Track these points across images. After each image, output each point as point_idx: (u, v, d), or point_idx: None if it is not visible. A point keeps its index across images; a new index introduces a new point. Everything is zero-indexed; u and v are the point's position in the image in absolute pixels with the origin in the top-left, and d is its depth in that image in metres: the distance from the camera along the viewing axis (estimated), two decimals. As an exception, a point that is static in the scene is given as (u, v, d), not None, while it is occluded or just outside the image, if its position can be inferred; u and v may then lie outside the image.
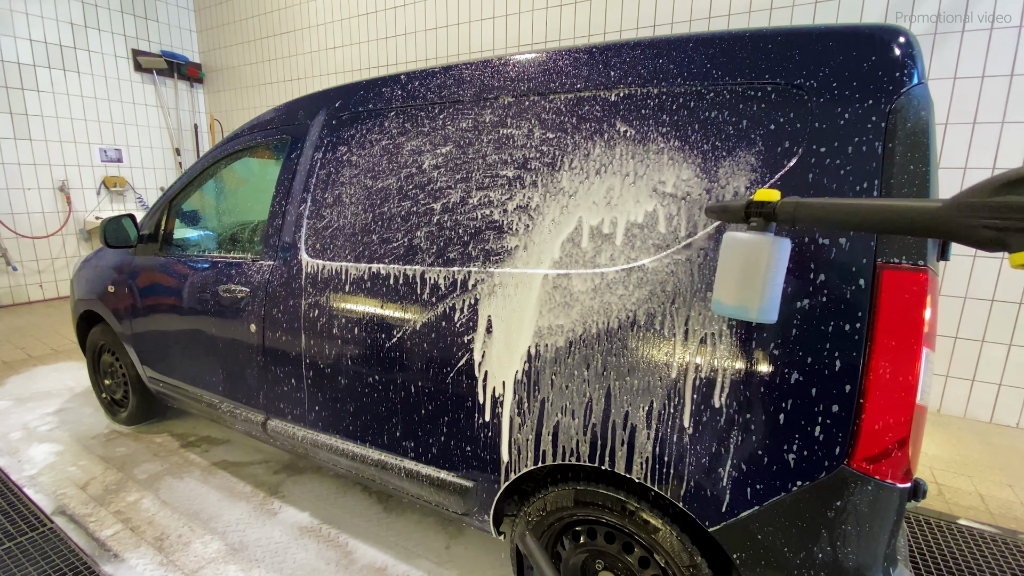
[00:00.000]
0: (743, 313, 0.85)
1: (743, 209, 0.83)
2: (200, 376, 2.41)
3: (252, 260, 2.14)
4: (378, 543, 2.08)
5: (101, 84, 6.18)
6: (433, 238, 1.66)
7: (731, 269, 0.86)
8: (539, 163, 1.51)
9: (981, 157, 3.06)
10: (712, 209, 0.88)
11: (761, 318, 0.83)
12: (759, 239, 0.82)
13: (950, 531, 2.17)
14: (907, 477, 1.09)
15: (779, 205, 0.79)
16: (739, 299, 0.85)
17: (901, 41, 1.13)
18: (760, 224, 0.82)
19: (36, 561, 1.92)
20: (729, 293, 0.86)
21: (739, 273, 0.85)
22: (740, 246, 0.84)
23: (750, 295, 0.84)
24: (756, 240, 0.82)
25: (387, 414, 1.77)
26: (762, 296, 0.83)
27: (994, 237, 0.51)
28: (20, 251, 5.69)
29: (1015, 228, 0.49)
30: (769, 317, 0.84)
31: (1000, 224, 0.50)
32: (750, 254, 0.83)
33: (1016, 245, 0.49)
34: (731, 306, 0.86)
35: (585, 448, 1.39)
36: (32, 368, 3.95)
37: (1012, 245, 0.50)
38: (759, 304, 0.84)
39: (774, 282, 0.84)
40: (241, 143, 2.36)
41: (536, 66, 1.57)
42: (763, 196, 0.81)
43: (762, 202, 0.81)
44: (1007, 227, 0.49)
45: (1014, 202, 0.49)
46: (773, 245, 0.81)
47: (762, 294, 0.83)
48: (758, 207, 0.81)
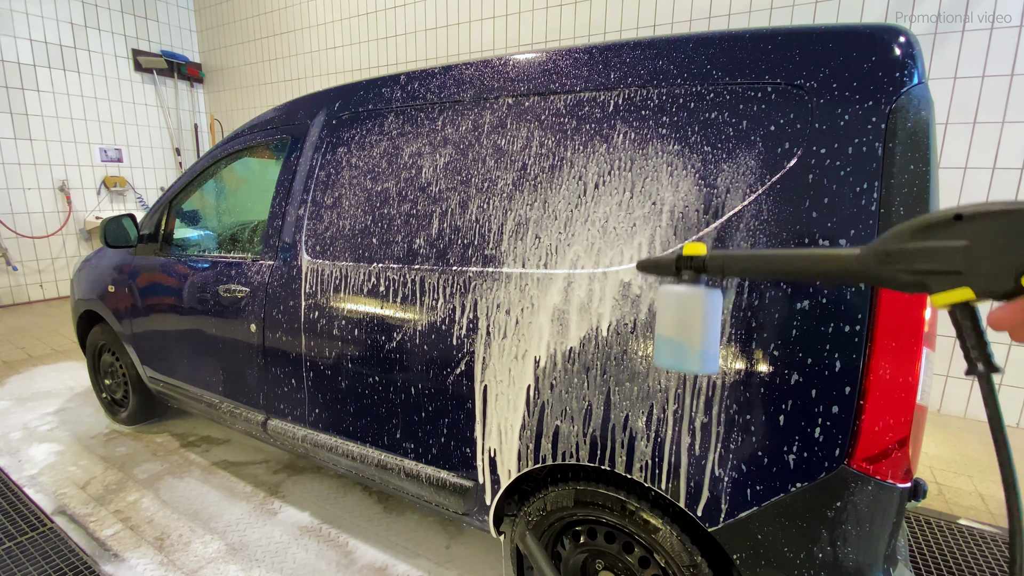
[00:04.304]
0: (684, 365, 0.86)
1: (673, 263, 0.84)
2: (200, 376, 2.41)
3: (252, 260, 2.14)
4: (378, 543, 2.08)
5: (101, 84, 6.18)
6: (433, 239, 1.66)
7: (667, 322, 0.87)
8: (539, 164, 1.51)
9: (981, 157, 3.06)
10: (644, 265, 0.89)
11: (703, 369, 0.85)
12: (691, 291, 0.83)
13: (950, 531, 2.17)
14: (907, 477, 1.10)
15: (708, 258, 0.81)
16: (678, 351, 0.86)
17: (901, 41, 1.13)
18: (691, 277, 0.83)
19: (36, 561, 1.92)
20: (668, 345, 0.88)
21: (675, 326, 0.86)
22: (673, 299, 0.85)
23: (688, 347, 0.85)
24: (688, 293, 0.83)
25: (387, 414, 1.77)
26: (701, 347, 0.84)
27: (915, 281, 0.54)
28: (20, 251, 5.69)
29: (934, 271, 0.52)
30: (710, 368, 0.85)
31: (920, 268, 0.53)
32: (684, 306, 0.84)
33: (936, 287, 0.53)
34: (671, 359, 0.87)
35: (585, 449, 1.39)
36: (32, 368, 3.95)
37: (932, 287, 0.53)
38: (698, 355, 0.85)
39: (711, 333, 0.84)
40: (241, 143, 2.36)
41: (536, 66, 1.57)
42: (691, 250, 0.83)
43: (691, 256, 0.82)
44: (927, 271, 0.53)
45: (931, 247, 0.52)
46: (706, 297, 0.82)
47: (700, 345, 0.84)
48: (687, 261, 0.82)
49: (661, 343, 0.89)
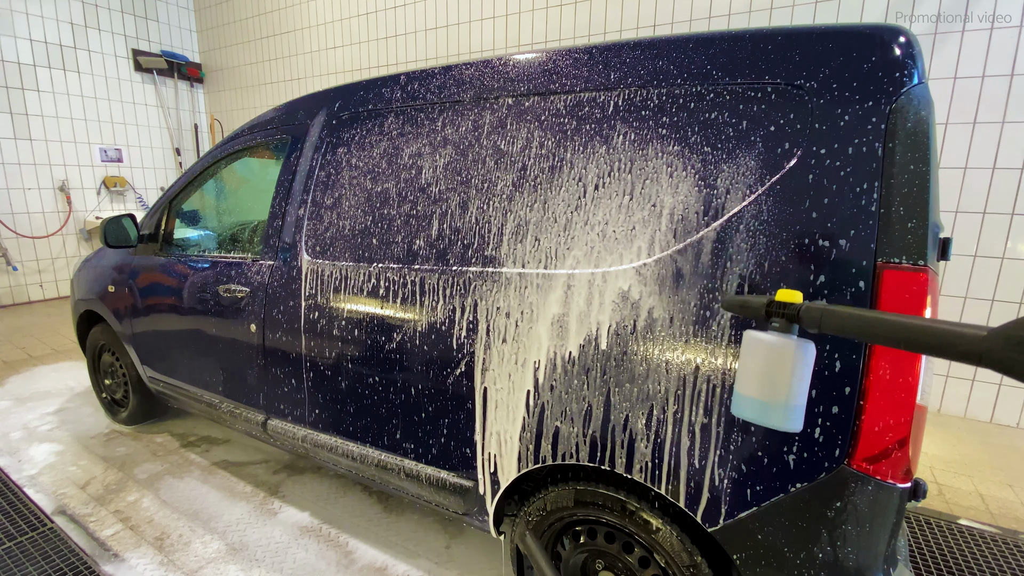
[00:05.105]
0: (765, 419, 0.80)
1: (764, 308, 0.79)
2: (200, 376, 2.41)
3: (252, 260, 2.14)
4: (378, 543, 2.09)
5: (101, 84, 6.17)
6: (433, 240, 1.66)
7: (752, 369, 0.80)
8: (539, 165, 1.51)
9: (981, 157, 3.06)
10: (730, 304, 0.83)
11: (787, 427, 0.79)
12: (782, 342, 0.76)
13: (950, 531, 2.17)
14: (907, 477, 1.09)
15: (803, 309, 0.75)
16: (761, 406, 0.80)
17: (901, 41, 1.13)
18: (783, 326, 0.78)
19: (36, 561, 1.92)
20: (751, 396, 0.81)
21: (761, 375, 0.79)
22: (762, 348, 0.79)
23: (773, 402, 0.78)
24: (778, 343, 0.77)
25: (387, 415, 1.77)
26: (787, 404, 0.78)
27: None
28: (20, 251, 5.69)
29: None
30: (794, 425, 0.79)
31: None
32: (772, 357, 0.77)
33: None
34: (753, 412, 0.82)
35: (585, 450, 1.39)
36: (32, 368, 3.95)
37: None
38: (783, 410, 0.78)
39: (799, 389, 0.78)
40: (241, 143, 2.36)
41: (536, 66, 1.57)
42: (785, 297, 0.77)
43: (784, 303, 0.77)
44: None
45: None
46: (798, 349, 0.75)
47: (786, 401, 0.78)
48: (780, 307, 0.77)
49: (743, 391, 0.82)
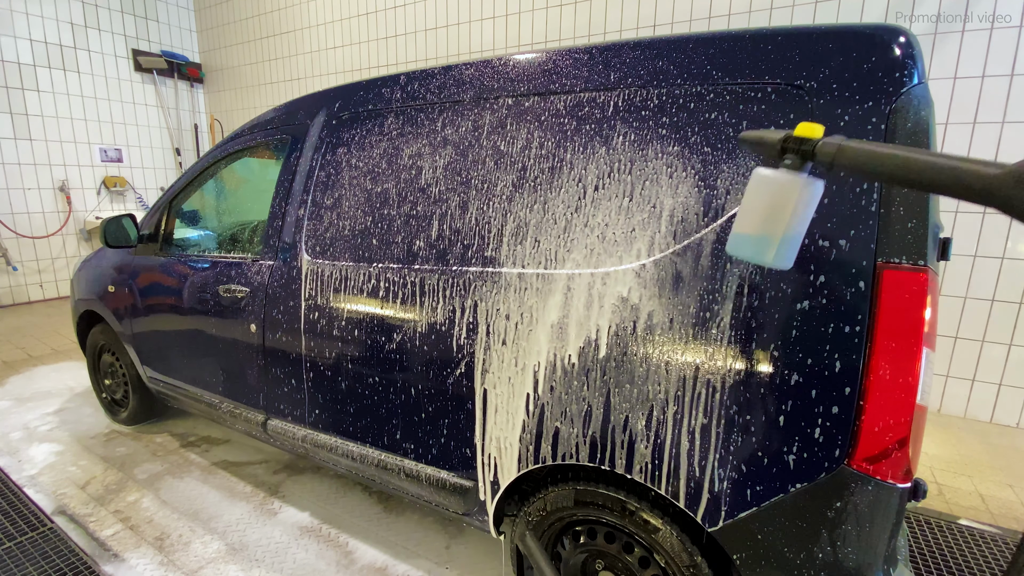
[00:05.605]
0: (758, 256, 0.79)
1: (778, 144, 0.75)
2: (200, 376, 2.41)
3: (252, 260, 2.14)
4: (378, 543, 2.08)
5: (101, 84, 6.17)
6: (433, 240, 1.66)
7: (754, 208, 0.78)
8: (539, 165, 1.51)
9: (981, 157, 3.05)
10: (747, 138, 0.81)
11: (776, 263, 0.77)
12: (789, 179, 0.74)
13: (950, 531, 2.17)
14: (907, 477, 1.09)
15: (820, 145, 0.70)
16: (757, 241, 0.78)
17: (901, 41, 1.13)
18: (795, 163, 0.74)
19: (36, 561, 1.92)
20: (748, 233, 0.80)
21: (762, 213, 0.77)
22: (768, 185, 0.76)
23: (769, 238, 0.77)
24: (786, 180, 0.74)
25: (387, 415, 1.77)
26: (782, 241, 0.76)
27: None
28: (20, 251, 5.69)
29: None
30: (784, 263, 0.77)
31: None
32: (777, 194, 0.75)
33: None
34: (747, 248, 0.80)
35: (585, 450, 1.39)
36: (32, 368, 3.95)
37: None
38: (776, 249, 0.77)
39: (798, 228, 0.76)
40: (241, 143, 2.36)
41: (536, 66, 1.57)
42: (804, 131, 0.74)
43: (801, 138, 0.73)
44: None
45: None
46: (804, 188, 0.73)
47: (782, 238, 0.76)
48: (796, 143, 0.73)
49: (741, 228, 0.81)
